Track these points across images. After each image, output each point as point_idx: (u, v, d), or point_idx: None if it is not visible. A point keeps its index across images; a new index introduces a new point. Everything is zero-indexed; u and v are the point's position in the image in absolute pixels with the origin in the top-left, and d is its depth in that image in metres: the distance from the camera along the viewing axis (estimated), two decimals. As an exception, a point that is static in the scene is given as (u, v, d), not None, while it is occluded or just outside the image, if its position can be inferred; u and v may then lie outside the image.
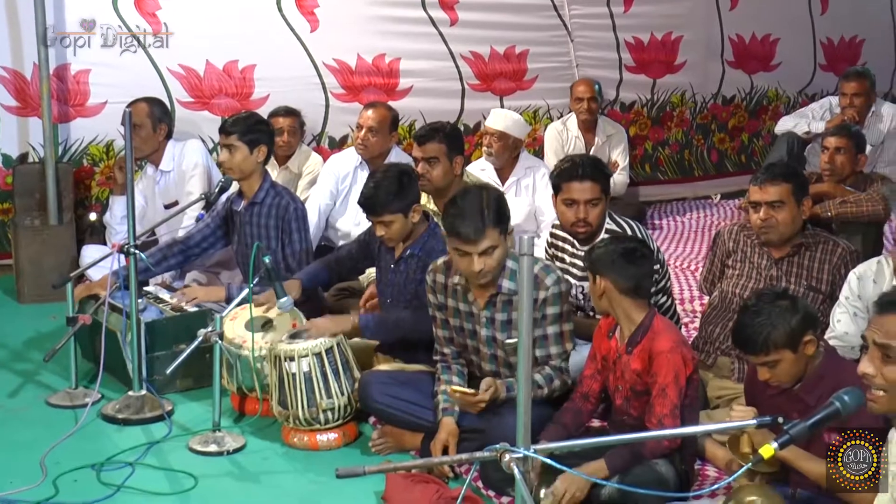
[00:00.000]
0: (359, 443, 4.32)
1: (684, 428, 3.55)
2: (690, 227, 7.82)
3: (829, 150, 5.70)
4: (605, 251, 3.79)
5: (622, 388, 3.81)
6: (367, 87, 7.21)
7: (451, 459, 2.85)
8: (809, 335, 3.37)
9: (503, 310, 3.97)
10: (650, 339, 3.71)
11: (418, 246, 4.49)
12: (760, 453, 2.54)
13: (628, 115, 8.33)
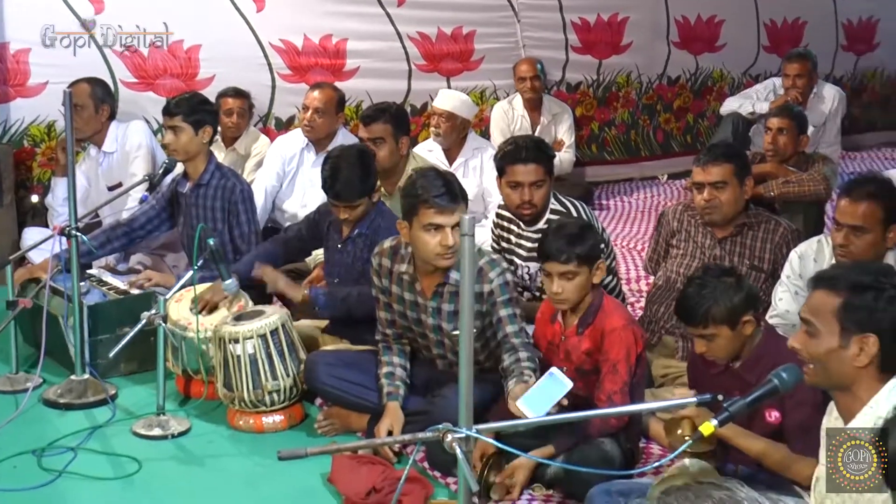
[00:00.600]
0: (305, 425, 4.31)
1: (626, 406, 3.58)
2: (637, 208, 7.87)
3: (771, 131, 5.76)
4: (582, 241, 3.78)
5: (567, 370, 3.82)
6: (314, 68, 7.15)
7: (394, 440, 2.86)
8: (749, 315, 3.41)
9: (450, 301, 3.93)
10: (602, 319, 3.74)
11: (366, 225, 4.48)
12: (700, 430, 2.58)
13: (574, 95, 8.35)
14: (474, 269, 2.36)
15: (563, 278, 3.70)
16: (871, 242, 3.81)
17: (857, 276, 2.65)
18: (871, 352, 2.56)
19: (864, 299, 2.59)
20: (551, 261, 3.72)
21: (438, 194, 3.74)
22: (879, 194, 3.82)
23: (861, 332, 2.58)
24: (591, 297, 3.78)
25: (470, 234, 2.33)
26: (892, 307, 2.57)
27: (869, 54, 9.92)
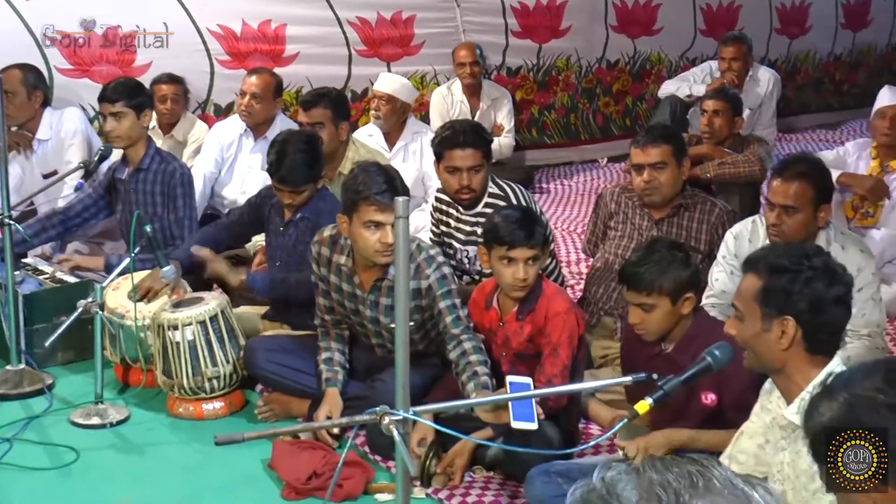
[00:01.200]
0: (245, 411, 4.30)
1: (565, 386, 3.61)
2: (577, 191, 7.93)
3: (707, 113, 5.83)
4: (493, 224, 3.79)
5: (507, 355, 3.85)
6: (253, 54, 7.09)
7: (332, 423, 2.85)
8: (690, 294, 3.44)
9: (388, 295, 3.91)
10: (544, 304, 3.76)
11: (308, 209, 4.47)
12: (636, 409, 2.61)
13: (515, 79, 8.37)
14: (408, 250, 2.37)
15: (528, 263, 3.70)
16: (802, 222, 3.87)
17: (776, 259, 2.67)
18: (791, 334, 2.59)
19: (780, 282, 2.61)
20: (518, 247, 3.69)
21: (380, 191, 3.69)
22: (810, 174, 3.87)
23: (780, 315, 2.60)
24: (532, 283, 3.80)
25: (404, 216, 2.34)
26: (808, 289, 2.59)
27: (802, 37, 10.08)
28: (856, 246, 3.99)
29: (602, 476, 1.24)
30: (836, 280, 2.64)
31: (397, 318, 2.38)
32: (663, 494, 1.19)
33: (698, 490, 1.19)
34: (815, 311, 2.59)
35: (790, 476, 2.66)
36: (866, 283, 3.92)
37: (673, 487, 1.19)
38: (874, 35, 10.73)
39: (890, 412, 1.76)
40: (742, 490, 1.21)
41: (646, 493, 1.20)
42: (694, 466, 1.22)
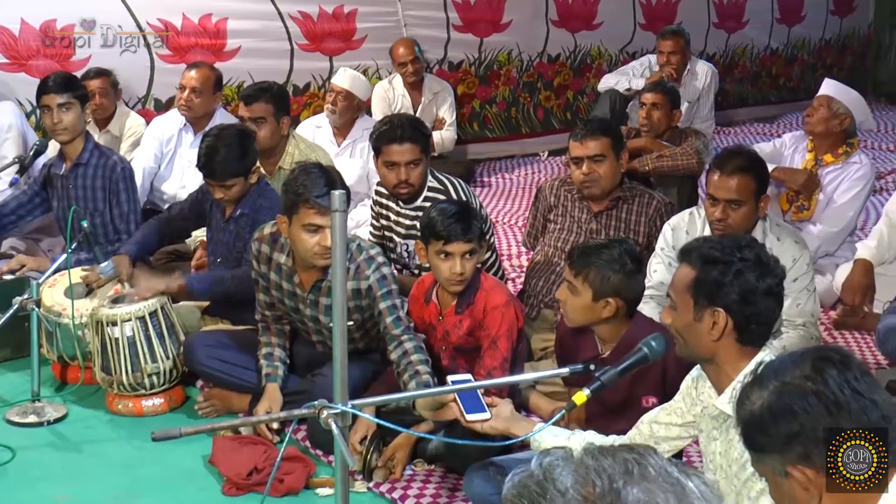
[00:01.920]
0: (186, 407, 4.28)
1: (504, 377, 3.62)
2: (518, 184, 7.96)
3: (646, 106, 5.89)
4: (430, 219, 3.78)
5: (447, 349, 3.86)
6: (194, 48, 7.03)
7: (270, 418, 2.84)
8: (613, 300, 3.36)
9: (328, 295, 3.87)
10: (483, 298, 3.77)
11: (248, 205, 4.45)
12: (573, 400, 2.64)
13: (456, 73, 8.39)
14: (345, 245, 2.37)
15: (465, 257, 3.71)
16: (746, 214, 3.91)
17: (709, 250, 2.69)
18: (722, 325, 2.61)
19: (712, 273, 2.64)
20: (454, 241, 3.68)
21: (320, 194, 3.63)
22: (750, 167, 3.92)
23: (711, 306, 2.63)
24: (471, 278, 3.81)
25: (341, 210, 2.34)
26: (739, 281, 2.61)
27: (739, 32, 10.21)
28: (791, 237, 4.05)
29: (540, 462, 1.26)
30: (767, 272, 2.66)
31: (334, 312, 2.39)
32: (597, 480, 1.21)
33: (633, 476, 1.21)
34: (746, 302, 2.62)
35: (723, 465, 2.71)
36: (801, 273, 3.99)
37: (608, 473, 1.22)
38: (808, 29, 10.91)
39: (818, 399, 1.80)
40: (677, 479, 1.23)
41: (581, 478, 1.22)
42: (630, 454, 1.24)
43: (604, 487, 1.20)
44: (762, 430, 1.84)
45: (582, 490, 1.20)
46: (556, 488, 1.22)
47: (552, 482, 1.22)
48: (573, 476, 1.22)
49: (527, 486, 1.24)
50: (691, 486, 1.23)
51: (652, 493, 1.20)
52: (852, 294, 4.79)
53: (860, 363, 1.86)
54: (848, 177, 5.31)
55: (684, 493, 1.22)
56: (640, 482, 1.22)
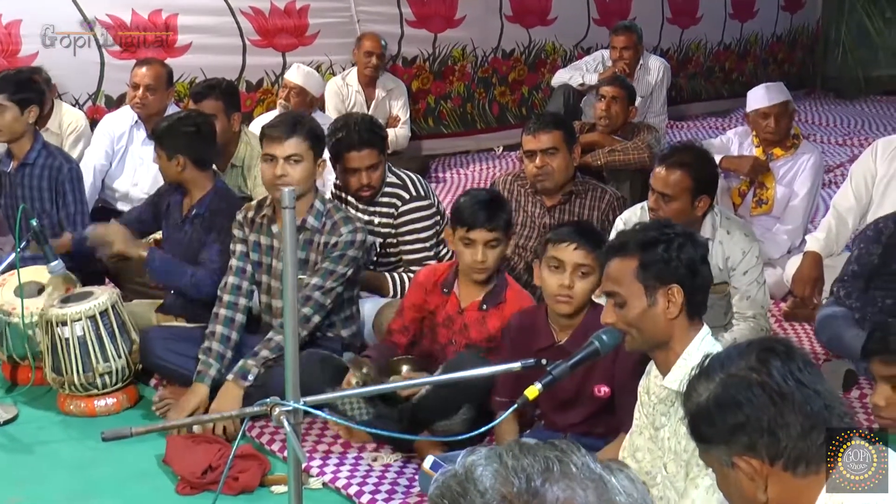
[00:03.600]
0: (140, 406, 4.25)
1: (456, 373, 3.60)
2: (474, 180, 7.97)
3: (605, 99, 5.92)
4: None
5: (456, 343, 3.84)
6: (144, 44, 6.97)
7: (221, 417, 2.83)
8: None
9: (303, 248, 4.00)
10: (514, 298, 3.78)
11: (203, 206, 4.43)
12: (526, 394, 2.65)
13: (410, 69, 8.38)
14: (295, 241, 2.36)
15: (488, 246, 3.73)
16: (677, 210, 3.93)
17: (643, 235, 2.77)
18: (679, 300, 2.69)
19: (656, 254, 2.71)
20: (477, 228, 3.72)
21: (274, 125, 3.99)
22: (690, 164, 3.94)
23: (664, 284, 2.69)
24: (497, 276, 3.82)
25: (290, 207, 2.33)
26: (684, 253, 2.71)
27: (693, 27, 10.27)
28: (740, 230, 4.09)
29: (464, 461, 1.27)
30: (697, 242, 2.80)
31: (285, 308, 2.38)
32: (515, 479, 1.21)
33: (553, 474, 1.21)
34: (693, 273, 2.72)
35: (673, 447, 2.75)
36: (751, 266, 4.03)
37: (526, 472, 1.21)
38: (760, 25, 11.00)
39: (762, 390, 1.82)
40: (599, 475, 1.23)
41: (501, 477, 1.22)
42: (552, 452, 1.25)
43: (521, 486, 1.21)
44: (708, 421, 1.87)
45: (501, 489, 1.20)
46: (477, 488, 1.22)
47: (473, 482, 1.23)
48: (493, 475, 1.22)
49: (449, 485, 1.25)
50: (614, 482, 1.24)
51: (572, 491, 1.21)
52: (802, 286, 4.86)
53: (804, 354, 1.89)
54: (803, 168, 5.39)
55: (606, 488, 1.23)
56: (561, 479, 1.22)
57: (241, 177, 5.06)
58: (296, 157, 3.95)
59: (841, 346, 4.40)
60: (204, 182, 4.46)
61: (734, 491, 1.89)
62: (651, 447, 2.87)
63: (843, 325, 4.38)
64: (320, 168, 4.12)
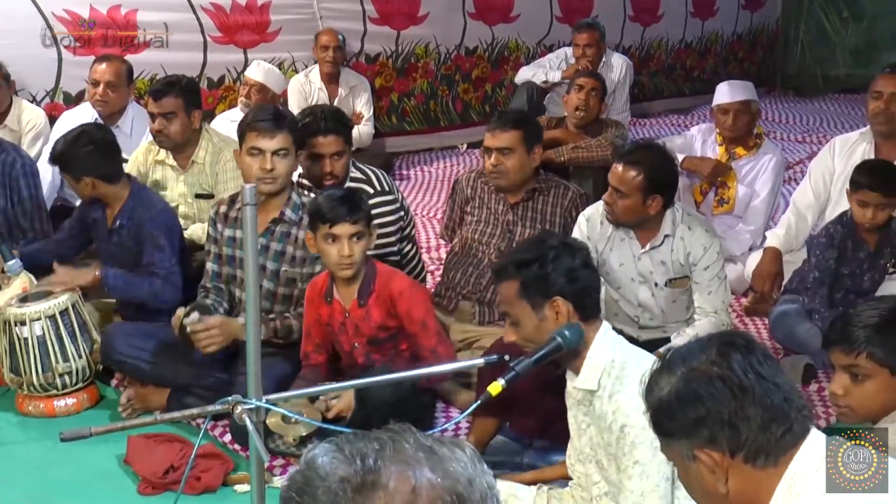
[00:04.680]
0: (101, 406, 4.22)
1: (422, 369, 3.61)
2: (437, 177, 7.97)
3: (584, 89, 5.92)
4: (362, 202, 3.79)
5: (360, 346, 3.84)
6: (103, 41, 6.90)
7: (182, 415, 2.80)
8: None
9: (280, 240, 4.04)
10: (383, 283, 3.77)
11: (125, 216, 4.41)
12: (489, 391, 2.65)
13: (373, 66, 8.36)
14: (256, 238, 2.35)
15: (353, 240, 3.69)
16: (628, 207, 3.96)
17: (519, 255, 2.92)
18: (564, 310, 2.83)
19: (533, 272, 2.85)
20: (340, 223, 3.67)
21: (262, 119, 4.03)
22: (644, 163, 3.94)
23: (547, 298, 2.83)
24: (364, 267, 3.80)
25: (252, 203, 2.32)
26: (559, 266, 2.84)
27: (654, 25, 10.33)
28: (701, 226, 4.12)
29: (306, 454, 1.33)
30: (575, 249, 2.92)
31: (248, 301, 2.37)
32: (354, 461, 1.28)
33: (387, 452, 1.28)
34: (573, 280, 2.85)
35: (599, 443, 2.84)
36: (712, 261, 4.05)
37: (362, 453, 1.28)
38: (720, 23, 11.08)
39: (723, 384, 1.84)
40: (429, 447, 1.30)
41: (338, 461, 1.28)
42: (387, 434, 1.32)
43: (358, 466, 1.27)
44: (670, 415, 1.88)
45: (338, 472, 1.27)
46: (318, 475, 1.28)
47: (314, 470, 1.28)
48: (331, 461, 1.28)
49: (294, 478, 1.31)
50: (445, 451, 1.30)
51: (403, 464, 1.27)
52: (762, 281, 4.91)
53: (763, 348, 1.91)
54: (764, 168, 5.43)
55: (438, 458, 1.29)
56: (394, 455, 1.28)
57: (202, 174, 5.02)
58: (283, 151, 4.04)
59: (796, 341, 4.47)
60: (120, 192, 4.42)
61: (695, 484, 1.91)
62: (583, 447, 2.96)
63: (797, 321, 4.45)
64: (298, 162, 4.20)
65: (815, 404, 4.11)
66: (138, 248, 4.31)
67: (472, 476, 1.29)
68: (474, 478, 1.29)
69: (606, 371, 2.81)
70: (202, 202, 4.99)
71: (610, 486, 2.88)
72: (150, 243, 4.30)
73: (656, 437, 1.95)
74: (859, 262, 4.42)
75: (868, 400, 2.57)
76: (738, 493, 1.85)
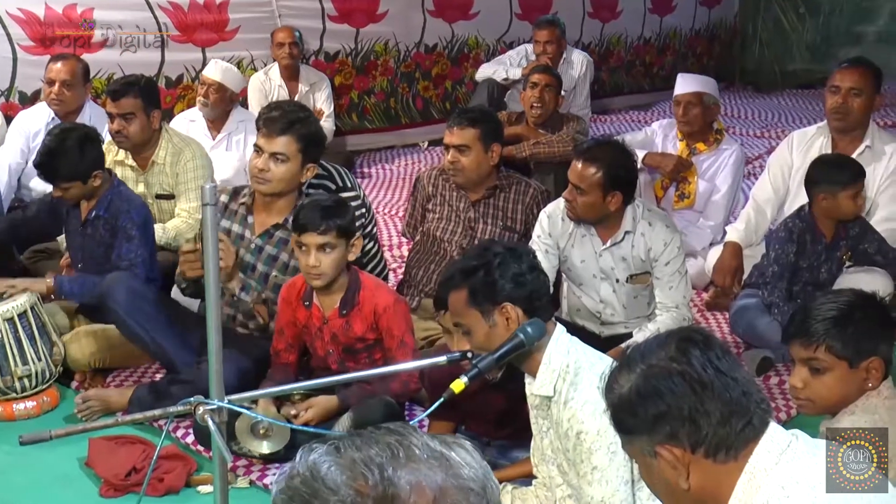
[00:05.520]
0: (61, 409, 4.16)
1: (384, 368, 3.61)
2: (399, 175, 7.97)
3: (538, 86, 5.95)
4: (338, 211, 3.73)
5: (335, 352, 3.82)
6: (60, 40, 6.83)
7: (144, 416, 2.78)
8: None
9: (277, 245, 4.04)
10: (368, 298, 3.73)
11: (102, 207, 4.36)
12: (451, 388, 2.65)
13: (333, 64, 8.34)
14: (216, 237, 2.34)
15: (321, 251, 3.63)
16: (588, 203, 3.98)
17: (465, 264, 2.93)
18: (514, 315, 2.84)
19: (478, 279, 2.86)
20: (308, 231, 3.62)
21: (273, 117, 3.97)
22: (603, 160, 3.95)
23: (496, 305, 2.84)
24: (348, 277, 3.76)
25: (212, 203, 2.31)
26: (505, 271, 2.85)
27: (613, 22, 10.39)
28: (662, 222, 4.14)
29: (304, 460, 1.24)
30: (520, 254, 2.92)
31: (208, 303, 2.36)
32: (368, 472, 1.21)
33: (400, 460, 1.22)
34: (520, 285, 2.85)
35: (560, 448, 2.85)
36: (672, 257, 4.08)
37: (376, 463, 1.21)
38: (679, 20, 11.17)
39: (683, 379, 1.85)
40: (440, 452, 1.25)
41: (351, 472, 1.21)
42: (392, 437, 1.25)
43: (376, 478, 1.20)
44: (630, 412, 1.89)
45: (354, 485, 1.19)
46: (327, 486, 1.20)
47: (321, 481, 1.20)
48: (342, 471, 1.21)
49: (296, 489, 1.22)
50: (455, 457, 1.25)
51: (419, 473, 1.21)
52: (723, 276, 4.94)
53: (721, 343, 1.92)
54: (725, 164, 5.48)
55: (450, 464, 1.24)
56: (408, 464, 1.22)
57: (162, 175, 4.98)
58: (281, 156, 3.94)
59: (755, 335, 4.51)
60: (102, 183, 4.38)
61: (657, 480, 1.92)
62: (545, 449, 2.97)
63: (756, 315, 4.50)
64: (308, 173, 4.05)
65: (776, 398, 4.15)
66: (112, 240, 4.25)
67: (485, 481, 1.26)
68: (486, 483, 1.26)
69: (562, 376, 2.81)
70: (163, 203, 4.96)
71: (572, 489, 2.89)
72: (122, 235, 4.26)
73: (613, 442, 1.97)
74: (817, 255, 4.47)
75: (827, 392, 2.61)
76: (699, 488, 1.86)
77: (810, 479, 1.81)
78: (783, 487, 1.80)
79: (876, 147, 4.85)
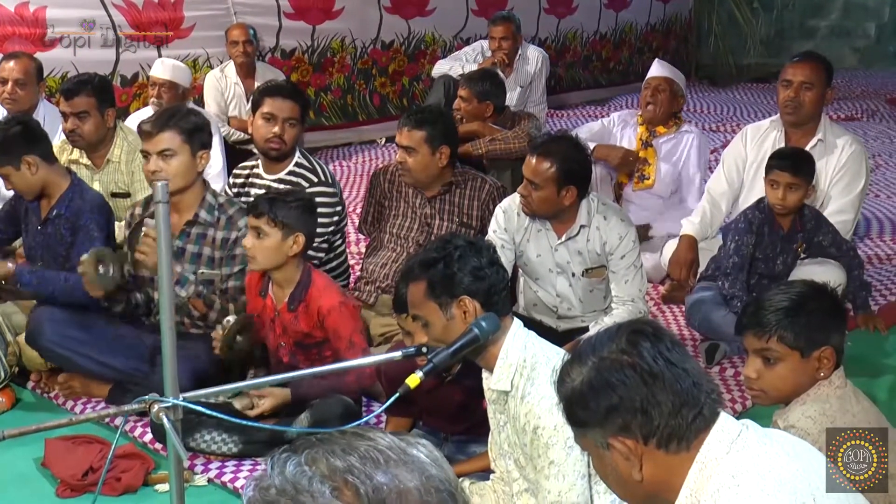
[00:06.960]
0: (18, 408, 4.13)
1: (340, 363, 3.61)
2: (356, 172, 7.96)
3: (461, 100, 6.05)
4: (286, 204, 3.73)
5: (286, 345, 3.83)
6: (12, 38, 6.76)
7: (98, 415, 2.77)
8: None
9: (196, 241, 4.01)
10: (315, 296, 3.74)
11: (63, 205, 4.31)
12: (407, 383, 2.66)
13: (289, 61, 8.32)
14: (169, 236, 2.34)
15: (254, 234, 3.66)
16: (543, 198, 4.00)
17: (425, 256, 2.93)
18: (472, 309, 2.84)
19: (437, 272, 2.86)
20: (250, 213, 3.72)
21: (146, 120, 4.04)
22: (557, 154, 3.97)
23: (454, 298, 2.84)
24: (299, 273, 3.76)
25: (164, 201, 2.31)
26: (463, 265, 2.85)
27: (569, 17, 10.44)
28: (617, 216, 4.18)
29: (283, 472, 1.22)
30: (480, 248, 2.93)
31: (161, 299, 2.35)
32: (357, 481, 1.20)
33: (380, 465, 1.22)
34: (479, 279, 2.86)
35: (517, 443, 2.87)
36: (628, 250, 4.11)
37: (361, 470, 1.21)
38: (634, 15, 11.25)
39: (634, 371, 1.87)
40: (404, 450, 1.26)
41: (338, 484, 1.19)
42: (362, 442, 1.24)
43: (366, 486, 1.19)
44: (582, 404, 1.90)
45: (342, 497, 1.18)
46: (314, 498, 1.18)
47: (309, 494, 1.18)
48: (327, 482, 1.19)
49: (272, 500, 1.20)
50: (416, 454, 1.26)
51: (394, 475, 1.21)
52: (678, 269, 4.99)
53: (671, 335, 1.94)
54: (687, 148, 5.58)
55: (415, 463, 1.25)
56: (387, 467, 1.22)
57: (118, 173, 4.95)
58: (168, 152, 3.94)
59: (711, 327, 4.56)
60: (60, 180, 4.32)
61: (610, 472, 1.93)
62: (503, 444, 2.99)
63: (712, 308, 4.55)
64: (202, 161, 4.06)
65: (732, 389, 4.20)
66: (73, 238, 4.20)
67: (451, 477, 1.27)
68: (453, 478, 1.27)
69: (519, 371, 2.82)
70: (118, 201, 4.92)
71: (529, 483, 2.91)
72: (84, 234, 4.21)
73: (570, 437, 1.98)
74: (773, 247, 4.52)
75: (780, 382, 2.65)
76: (652, 478, 1.88)
77: (760, 467, 1.84)
78: (733, 476, 1.83)
79: (828, 140, 4.92)
